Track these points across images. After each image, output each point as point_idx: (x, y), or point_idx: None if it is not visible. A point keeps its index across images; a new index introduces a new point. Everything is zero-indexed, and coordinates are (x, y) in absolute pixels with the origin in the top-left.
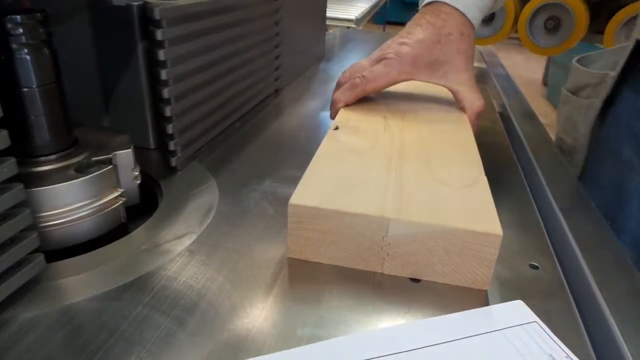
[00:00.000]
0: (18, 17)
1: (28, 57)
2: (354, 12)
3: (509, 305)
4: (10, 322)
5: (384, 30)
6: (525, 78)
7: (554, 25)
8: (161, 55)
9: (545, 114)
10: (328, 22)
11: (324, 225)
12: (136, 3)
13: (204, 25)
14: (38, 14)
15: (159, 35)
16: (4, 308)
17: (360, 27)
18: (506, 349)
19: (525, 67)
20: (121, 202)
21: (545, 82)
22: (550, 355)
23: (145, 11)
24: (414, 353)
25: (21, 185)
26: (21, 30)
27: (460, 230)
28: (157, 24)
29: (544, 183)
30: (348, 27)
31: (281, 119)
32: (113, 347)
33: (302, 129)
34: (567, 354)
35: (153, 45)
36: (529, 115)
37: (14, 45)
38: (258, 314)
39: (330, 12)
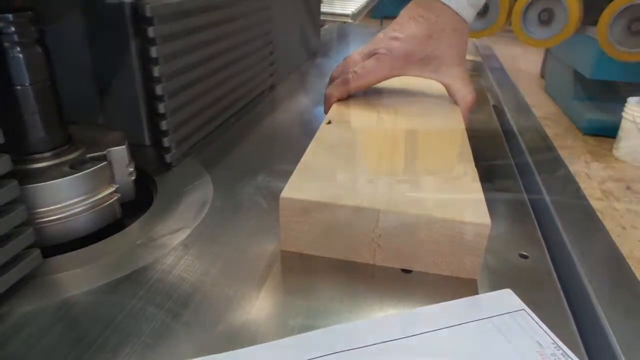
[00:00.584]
0: (9, 15)
1: (20, 55)
2: (351, 7)
3: (497, 294)
4: (7, 316)
5: (381, 24)
6: (524, 71)
7: (547, 17)
8: (153, 52)
9: (543, 107)
10: (324, 17)
11: (315, 217)
12: (128, 0)
13: (196, 22)
14: (29, 12)
15: (151, 32)
16: (1, 303)
17: (357, 22)
18: (494, 337)
19: (523, 61)
20: (116, 197)
21: (543, 75)
22: (538, 343)
23: (137, 8)
24: (404, 341)
25: (16, 182)
26: (12, 29)
27: (449, 220)
28: (149, 21)
29: (536, 174)
30: (344, 22)
31: (276, 115)
32: (109, 339)
33: (296, 124)
34: (554, 341)
35: (145, 43)
36: (523, 108)
37: (5, 44)
38: (251, 306)
39: (327, 7)
